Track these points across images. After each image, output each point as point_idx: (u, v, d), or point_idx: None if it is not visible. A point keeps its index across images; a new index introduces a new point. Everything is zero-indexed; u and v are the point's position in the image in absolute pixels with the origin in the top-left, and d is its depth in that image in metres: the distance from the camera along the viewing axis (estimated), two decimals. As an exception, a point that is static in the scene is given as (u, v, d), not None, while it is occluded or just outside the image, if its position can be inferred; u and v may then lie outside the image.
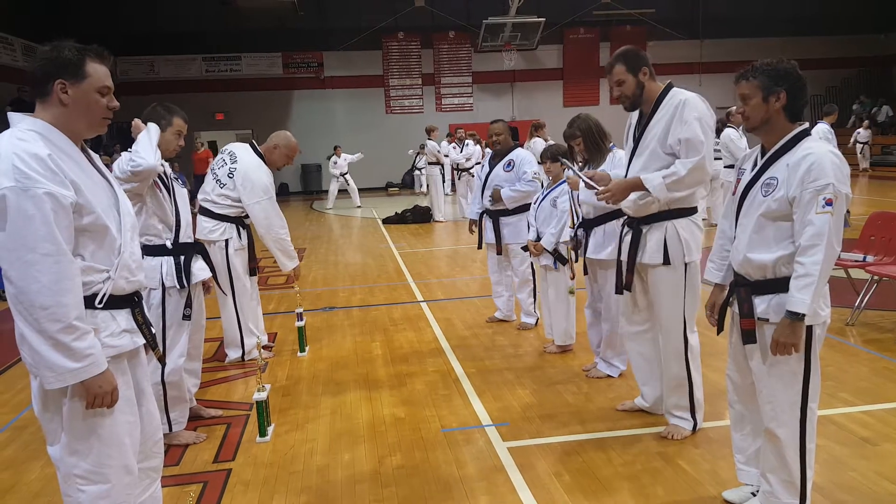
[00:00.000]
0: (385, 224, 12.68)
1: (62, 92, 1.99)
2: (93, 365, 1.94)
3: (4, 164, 1.86)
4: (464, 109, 21.14)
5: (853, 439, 3.26)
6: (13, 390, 4.53)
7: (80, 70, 2.02)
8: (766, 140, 2.44)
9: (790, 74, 2.35)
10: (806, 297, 2.24)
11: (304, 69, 20.36)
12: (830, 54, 21.28)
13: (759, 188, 2.40)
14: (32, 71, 2.04)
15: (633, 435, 3.42)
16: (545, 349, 4.79)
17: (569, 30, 20.96)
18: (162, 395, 3.43)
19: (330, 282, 7.74)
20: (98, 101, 2.05)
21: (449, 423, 3.67)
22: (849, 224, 9.19)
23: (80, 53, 2.03)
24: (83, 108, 2.03)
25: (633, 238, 3.29)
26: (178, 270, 3.40)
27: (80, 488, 2.06)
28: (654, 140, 3.15)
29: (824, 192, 2.22)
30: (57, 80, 1.99)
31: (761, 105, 2.36)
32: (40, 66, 2.01)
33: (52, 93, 2.00)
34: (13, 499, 3.08)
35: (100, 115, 2.08)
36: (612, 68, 3.18)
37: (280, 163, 4.69)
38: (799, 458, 2.43)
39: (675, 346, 3.27)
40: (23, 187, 1.84)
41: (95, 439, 2.04)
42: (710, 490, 2.86)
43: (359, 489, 3.02)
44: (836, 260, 5.15)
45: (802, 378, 2.39)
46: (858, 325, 5.05)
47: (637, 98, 3.17)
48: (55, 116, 2.01)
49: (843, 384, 3.92)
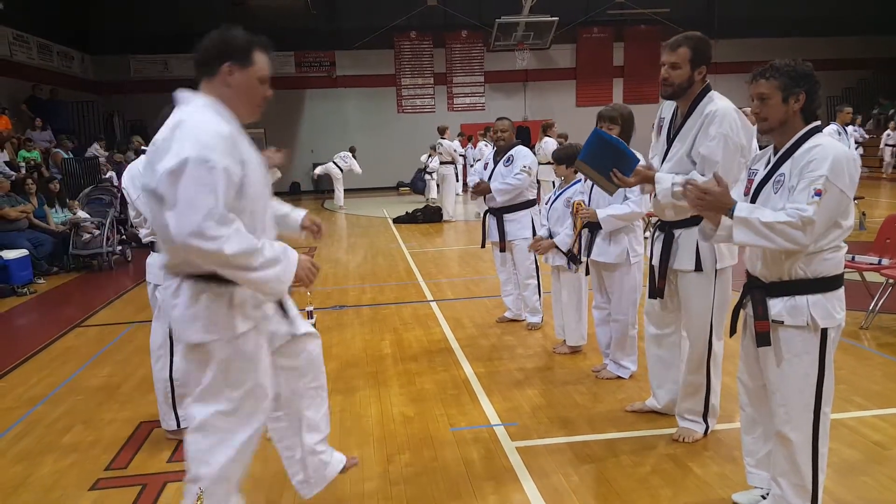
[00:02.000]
0: (396, 223, 12.70)
1: (228, 74, 2.15)
2: (288, 258, 2.18)
3: (191, 134, 2.00)
4: (476, 109, 21.09)
5: (865, 444, 3.23)
6: (27, 384, 4.58)
7: (248, 57, 2.19)
8: (778, 140, 2.42)
9: (809, 76, 2.34)
10: (753, 213, 2.27)
11: (317, 68, 20.40)
12: (847, 55, 21.06)
13: (771, 186, 2.39)
14: (203, 48, 2.20)
15: (643, 437, 3.41)
16: (555, 350, 4.78)
17: (582, 29, 20.86)
18: (170, 391, 3.47)
19: (340, 280, 7.76)
20: (258, 88, 2.22)
21: (458, 423, 3.67)
22: (864, 227, 9.12)
23: (249, 41, 2.21)
24: (245, 93, 2.19)
25: (664, 242, 3.21)
26: None
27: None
28: (683, 148, 3.06)
29: (816, 182, 2.20)
30: (226, 61, 2.15)
31: (780, 106, 2.34)
32: (212, 46, 2.18)
33: (219, 73, 2.16)
34: (26, 492, 3.11)
35: (257, 103, 2.23)
36: (678, 48, 2.94)
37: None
38: (811, 461, 2.41)
39: (699, 352, 3.22)
40: (204, 158, 1.96)
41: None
42: (720, 493, 2.84)
43: (367, 487, 3.03)
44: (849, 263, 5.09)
45: (816, 381, 2.37)
46: (872, 328, 5.00)
47: (682, 91, 3.00)
48: (220, 97, 2.15)
49: (856, 388, 3.88)
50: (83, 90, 17.49)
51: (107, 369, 4.82)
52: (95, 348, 5.36)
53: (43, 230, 8.84)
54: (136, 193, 3.36)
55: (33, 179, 9.41)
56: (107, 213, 9.16)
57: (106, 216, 9.10)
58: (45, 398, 4.29)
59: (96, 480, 3.18)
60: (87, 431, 3.75)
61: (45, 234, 8.75)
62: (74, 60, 17.40)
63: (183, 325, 2.17)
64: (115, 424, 3.83)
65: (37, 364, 5.05)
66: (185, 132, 2.02)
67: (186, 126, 2.04)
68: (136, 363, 4.92)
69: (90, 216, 9.14)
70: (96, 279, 8.50)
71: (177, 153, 1.97)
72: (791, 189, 2.28)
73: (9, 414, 4.07)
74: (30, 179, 9.32)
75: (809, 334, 2.34)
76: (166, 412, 3.53)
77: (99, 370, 4.81)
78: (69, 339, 5.69)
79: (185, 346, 2.21)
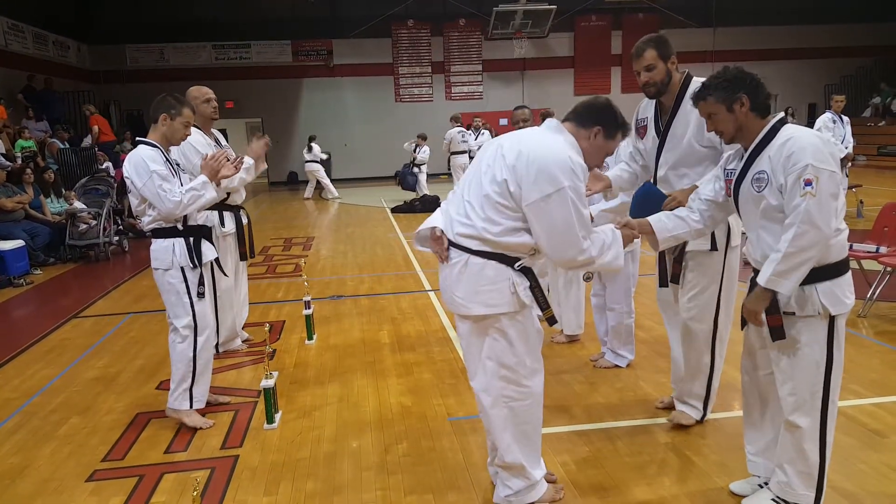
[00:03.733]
0: (394, 213, 12.67)
1: (592, 135, 2.52)
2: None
3: (564, 164, 2.36)
4: (473, 98, 21.01)
5: (863, 431, 3.23)
6: (23, 376, 4.57)
7: (617, 133, 2.57)
8: (744, 142, 2.45)
9: (741, 78, 2.39)
10: (768, 270, 2.27)
11: (314, 57, 20.28)
12: (845, 43, 20.99)
13: (751, 184, 2.39)
14: (591, 104, 2.57)
15: (641, 425, 3.41)
16: (552, 339, 4.77)
17: (580, 17, 20.75)
18: (192, 371, 3.53)
19: (338, 270, 7.75)
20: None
21: (455, 412, 3.67)
22: (862, 215, 9.11)
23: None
24: (595, 155, 2.62)
25: None
26: (190, 251, 3.49)
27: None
28: (688, 135, 3.07)
29: (804, 173, 2.21)
30: (599, 126, 2.51)
31: (729, 116, 2.40)
32: (599, 108, 2.54)
33: (589, 130, 2.52)
34: (23, 482, 3.11)
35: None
36: (643, 52, 3.07)
37: (205, 116, 4.43)
38: (819, 450, 2.41)
39: (705, 331, 3.20)
40: (574, 187, 2.37)
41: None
42: (718, 481, 2.85)
43: (365, 476, 3.03)
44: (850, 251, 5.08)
45: (825, 369, 2.37)
46: (870, 316, 5.01)
47: (664, 86, 3.09)
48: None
49: (853, 376, 3.88)
50: (80, 80, 17.40)
51: (103, 360, 4.81)
52: (92, 339, 5.35)
53: (39, 221, 8.81)
54: (140, 181, 3.35)
55: (31, 169, 9.37)
56: (103, 204, 9.13)
57: (102, 206, 9.07)
58: (42, 389, 4.29)
59: (93, 471, 3.18)
60: (83, 422, 3.75)
61: (41, 225, 8.72)
62: (70, 50, 17.28)
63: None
64: (112, 415, 3.82)
65: (33, 355, 5.04)
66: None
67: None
68: (133, 354, 4.92)
69: (87, 206, 9.11)
70: (93, 270, 8.48)
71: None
72: (781, 188, 2.28)
73: (5, 405, 4.06)
74: (28, 169, 9.28)
75: (821, 323, 2.34)
76: (181, 393, 3.56)
77: (96, 361, 4.80)
78: (66, 330, 5.67)
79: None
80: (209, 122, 4.47)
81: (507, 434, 2.57)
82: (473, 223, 2.46)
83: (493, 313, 2.47)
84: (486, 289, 2.45)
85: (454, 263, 2.50)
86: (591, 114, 2.52)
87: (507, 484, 2.66)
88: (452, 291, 2.52)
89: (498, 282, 2.45)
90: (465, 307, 2.49)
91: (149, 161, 3.36)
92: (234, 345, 4.84)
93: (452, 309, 2.57)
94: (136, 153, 3.44)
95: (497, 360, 2.52)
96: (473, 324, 2.53)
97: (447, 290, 2.56)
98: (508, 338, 2.50)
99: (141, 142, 3.51)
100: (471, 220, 2.47)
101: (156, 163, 3.37)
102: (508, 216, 2.42)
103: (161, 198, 3.35)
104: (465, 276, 2.47)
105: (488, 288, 2.45)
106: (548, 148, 2.42)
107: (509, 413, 2.57)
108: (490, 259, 2.45)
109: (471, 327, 2.55)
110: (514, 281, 2.46)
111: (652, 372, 4.10)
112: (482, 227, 2.44)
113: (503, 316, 2.48)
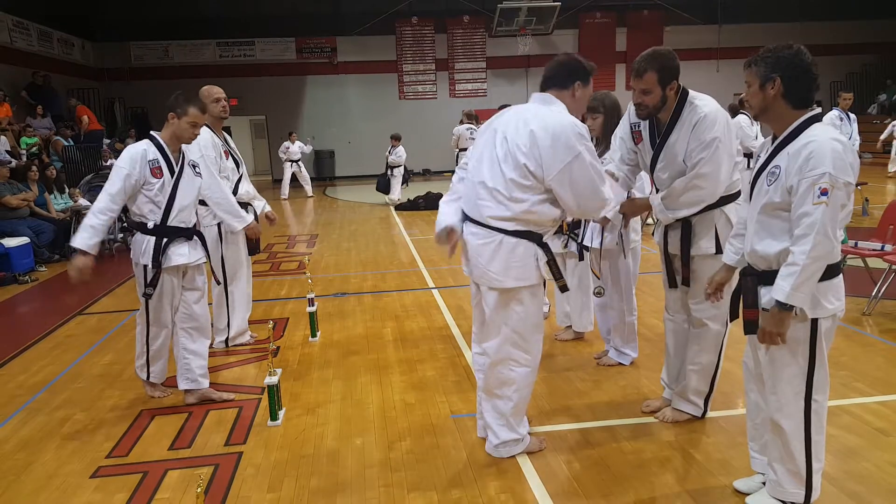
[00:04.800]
0: (397, 211, 12.67)
1: (574, 91, 2.89)
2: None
3: (572, 131, 2.71)
4: (477, 95, 20.98)
5: (868, 430, 3.22)
6: (28, 372, 4.59)
7: (589, 78, 2.93)
8: (773, 128, 2.40)
9: (786, 61, 2.29)
10: (786, 285, 2.20)
11: (318, 54, 20.28)
12: (851, 39, 20.87)
13: (765, 177, 2.36)
14: (560, 65, 2.92)
15: (644, 424, 3.41)
16: (556, 337, 4.77)
17: (585, 14, 20.70)
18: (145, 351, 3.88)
19: (342, 268, 7.75)
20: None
21: (459, 410, 3.67)
22: (867, 213, 9.08)
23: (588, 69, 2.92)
24: (581, 106, 3.02)
25: (683, 231, 3.14)
26: (156, 251, 3.63)
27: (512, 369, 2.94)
28: (679, 156, 3.03)
29: (820, 181, 2.16)
30: (576, 81, 2.87)
31: (758, 93, 2.34)
32: (569, 65, 2.90)
33: (570, 89, 2.88)
34: (28, 478, 3.12)
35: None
36: (643, 74, 2.95)
37: (214, 115, 4.46)
38: (805, 449, 2.41)
39: (716, 332, 3.19)
40: (588, 149, 2.74)
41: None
42: (721, 479, 2.84)
43: (368, 474, 3.03)
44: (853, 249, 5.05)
45: (807, 371, 2.35)
46: (875, 314, 4.99)
47: (657, 111, 3.02)
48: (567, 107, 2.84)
49: (858, 374, 3.87)
50: (84, 77, 17.43)
51: (108, 357, 4.83)
52: (97, 336, 5.37)
53: (44, 218, 8.83)
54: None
55: (36, 166, 9.39)
56: (108, 201, 9.13)
57: (107, 204, 9.08)
58: (47, 386, 4.30)
59: (97, 468, 3.19)
60: (88, 419, 3.76)
61: (46, 222, 8.75)
62: (75, 47, 17.32)
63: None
64: (117, 412, 3.84)
65: (38, 352, 5.06)
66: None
67: None
68: (138, 351, 4.93)
69: (91, 203, 9.11)
70: (97, 267, 8.42)
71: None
72: (791, 190, 2.24)
73: (11, 401, 4.07)
74: (33, 167, 9.30)
75: (798, 324, 2.32)
76: (142, 365, 3.87)
77: (100, 358, 4.82)
78: (70, 327, 5.69)
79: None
80: (219, 121, 4.52)
81: (504, 389, 2.97)
82: (506, 206, 2.77)
83: (521, 286, 2.83)
84: (517, 265, 2.81)
85: (488, 243, 2.81)
86: (564, 73, 2.90)
87: (498, 434, 3.05)
88: (486, 267, 2.83)
89: (527, 258, 2.82)
90: (498, 281, 2.83)
91: (127, 157, 3.56)
92: (244, 338, 4.89)
93: (484, 282, 2.88)
94: (131, 146, 3.63)
95: (513, 328, 2.89)
96: (500, 295, 2.87)
97: (479, 266, 2.86)
98: (526, 308, 2.88)
99: (147, 136, 3.65)
100: (502, 204, 2.77)
101: (130, 163, 3.52)
102: (532, 192, 2.76)
103: (103, 190, 3.57)
104: (500, 253, 2.80)
105: (519, 264, 2.81)
106: (554, 121, 2.73)
107: (509, 374, 2.95)
108: (521, 238, 2.80)
109: (497, 298, 2.87)
110: (538, 255, 2.82)
111: (656, 370, 4.09)
112: (512, 206, 2.76)
113: (525, 289, 2.85)
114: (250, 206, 4.76)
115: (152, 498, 2.90)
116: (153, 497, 2.90)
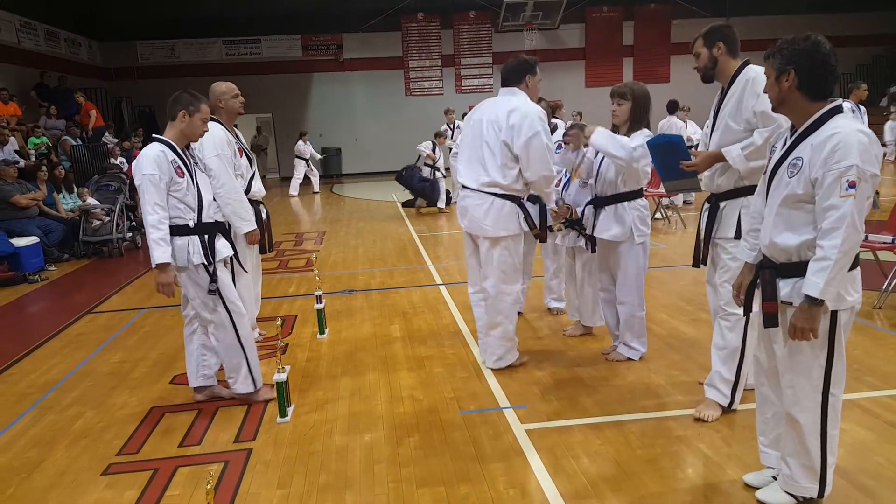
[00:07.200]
0: (405, 207, 12.67)
1: (527, 82, 3.95)
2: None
3: (535, 115, 3.77)
4: (483, 91, 20.92)
5: (879, 424, 3.20)
6: (39, 371, 4.62)
7: (536, 69, 3.97)
8: (792, 120, 2.38)
9: (802, 53, 2.27)
10: (819, 280, 2.18)
11: (324, 51, 20.29)
12: (862, 31, 20.67)
13: (786, 168, 2.33)
14: (514, 66, 3.95)
15: (653, 418, 3.39)
16: (564, 332, 4.76)
17: (591, 8, 20.59)
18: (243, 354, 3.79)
19: (349, 265, 7.76)
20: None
21: (467, 406, 3.67)
22: (878, 206, 9.00)
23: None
24: (536, 91, 4.06)
25: (710, 213, 3.30)
26: (204, 248, 3.53)
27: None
28: (727, 115, 3.17)
29: (847, 173, 2.14)
30: (527, 74, 3.93)
31: (774, 85, 2.33)
32: (519, 64, 3.92)
33: (524, 81, 3.92)
34: (40, 476, 3.15)
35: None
36: (694, 41, 3.27)
37: (234, 111, 4.49)
38: (820, 444, 2.39)
39: (737, 314, 3.20)
40: (545, 130, 3.79)
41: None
42: (731, 474, 2.83)
43: (377, 470, 3.03)
44: (863, 242, 5.01)
45: (825, 364, 2.33)
46: (886, 308, 4.95)
47: (709, 71, 3.21)
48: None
49: (869, 368, 3.84)
50: (91, 77, 17.51)
51: (118, 355, 4.85)
52: (106, 334, 5.40)
53: (53, 217, 8.88)
54: (137, 180, 3.43)
55: (45, 166, 9.44)
56: (116, 200, 9.19)
57: (115, 203, 9.14)
58: (58, 384, 4.33)
59: (108, 465, 3.21)
60: (98, 417, 3.78)
61: (55, 222, 8.80)
62: (82, 47, 17.40)
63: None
64: (127, 409, 3.86)
65: (49, 350, 5.10)
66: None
67: None
68: (147, 348, 4.96)
69: (100, 203, 9.17)
70: (107, 266, 8.54)
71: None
72: (816, 182, 2.21)
73: (22, 400, 4.10)
74: (43, 166, 9.35)
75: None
76: (246, 374, 3.73)
77: (110, 356, 4.85)
78: (80, 326, 5.73)
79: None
80: (235, 116, 4.52)
81: (500, 317, 3.99)
82: (494, 177, 3.81)
83: (507, 235, 3.86)
84: (505, 219, 3.84)
85: (482, 204, 3.84)
86: (518, 71, 3.93)
87: (495, 352, 4.08)
88: (482, 222, 3.86)
89: (511, 214, 3.85)
90: (492, 231, 3.85)
91: (149, 162, 3.40)
92: (253, 336, 4.90)
93: (479, 233, 3.91)
94: (146, 151, 3.47)
95: (501, 267, 3.91)
96: (491, 242, 3.89)
97: (475, 220, 3.88)
98: (510, 251, 3.91)
99: (155, 139, 3.52)
100: (492, 176, 3.81)
101: (155, 166, 3.39)
102: (512, 166, 3.80)
103: (144, 204, 3.41)
104: (491, 211, 3.83)
105: (506, 219, 3.84)
106: (524, 108, 3.77)
107: (502, 305, 3.97)
108: (507, 199, 3.83)
109: (489, 245, 3.90)
110: (518, 213, 3.87)
111: (664, 365, 4.08)
112: (500, 177, 3.80)
113: (510, 238, 3.88)
114: (262, 204, 4.77)
115: (163, 495, 2.91)
116: (163, 494, 2.92)
